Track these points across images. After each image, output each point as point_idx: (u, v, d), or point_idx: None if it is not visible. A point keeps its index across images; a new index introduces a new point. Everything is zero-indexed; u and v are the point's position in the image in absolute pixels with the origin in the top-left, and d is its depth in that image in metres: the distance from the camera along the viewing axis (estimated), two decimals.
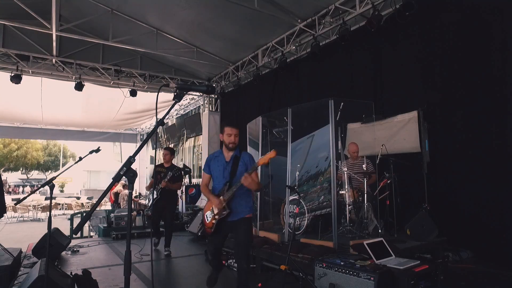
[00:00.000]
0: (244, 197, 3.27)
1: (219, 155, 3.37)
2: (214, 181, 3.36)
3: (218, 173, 3.31)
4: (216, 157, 3.39)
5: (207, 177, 3.43)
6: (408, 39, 5.42)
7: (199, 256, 5.54)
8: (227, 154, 3.31)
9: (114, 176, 1.67)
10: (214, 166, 3.35)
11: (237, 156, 3.29)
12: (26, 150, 35.18)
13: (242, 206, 3.24)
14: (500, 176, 4.24)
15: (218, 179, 3.31)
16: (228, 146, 3.26)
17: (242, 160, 3.28)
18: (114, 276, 4.39)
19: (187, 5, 6.58)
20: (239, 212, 3.21)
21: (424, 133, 4.97)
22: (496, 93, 4.34)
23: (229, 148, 3.26)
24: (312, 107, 5.16)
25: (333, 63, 6.63)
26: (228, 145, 3.25)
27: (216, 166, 3.34)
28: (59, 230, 5.50)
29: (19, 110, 11.92)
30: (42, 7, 6.56)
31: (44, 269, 3.04)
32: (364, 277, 3.06)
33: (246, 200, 3.30)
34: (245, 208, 3.28)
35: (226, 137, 3.25)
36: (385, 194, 4.96)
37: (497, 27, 4.36)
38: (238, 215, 3.20)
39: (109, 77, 9.12)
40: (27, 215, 14.16)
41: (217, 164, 3.34)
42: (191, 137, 13.56)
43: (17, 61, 8.00)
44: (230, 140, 3.23)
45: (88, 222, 8.21)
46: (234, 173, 3.22)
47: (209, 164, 3.39)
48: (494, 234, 4.23)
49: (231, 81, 9.40)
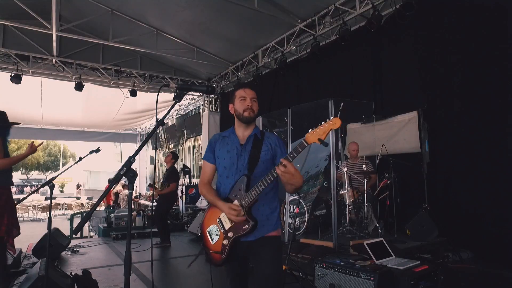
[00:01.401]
0: (268, 201, 2.08)
1: (229, 135, 2.19)
2: (220, 175, 2.17)
3: (228, 161, 2.12)
4: (224, 138, 2.20)
5: (209, 169, 2.21)
6: (408, 39, 5.42)
7: (199, 256, 5.54)
8: (243, 134, 2.15)
9: (114, 177, 1.67)
10: (222, 152, 2.15)
11: (257, 136, 2.14)
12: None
13: (264, 216, 2.04)
14: (500, 176, 4.24)
15: (228, 172, 2.11)
16: (242, 116, 2.10)
17: (267, 143, 2.12)
18: (114, 276, 4.39)
19: (187, 5, 6.58)
20: (259, 227, 1.99)
21: (424, 133, 4.97)
22: (496, 93, 4.34)
23: (245, 118, 2.10)
24: (312, 107, 5.16)
25: (333, 63, 6.63)
26: (243, 113, 2.09)
27: (224, 152, 2.14)
28: (59, 230, 5.50)
29: (19, 110, 11.89)
30: (42, 7, 6.57)
31: (44, 269, 3.04)
32: (364, 277, 3.05)
33: (270, 206, 2.09)
34: (270, 219, 2.07)
35: (238, 103, 2.12)
36: (385, 194, 4.97)
37: (498, 26, 4.36)
38: (258, 231, 2.00)
39: (109, 77, 9.12)
40: (27, 215, 14.16)
41: (227, 148, 2.15)
42: (191, 137, 13.56)
43: (17, 61, 8.00)
44: (245, 106, 2.09)
45: (88, 222, 8.20)
46: (255, 162, 2.06)
47: (214, 148, 2.21)
48: (494, 234, 4.23)
49: (231, 81, 9.40)
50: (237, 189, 2.01)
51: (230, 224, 2.01)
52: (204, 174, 2.24)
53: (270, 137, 2.17)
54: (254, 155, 2.07)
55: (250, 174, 2.02)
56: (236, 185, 2.03)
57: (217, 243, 2.05)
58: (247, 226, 1.94)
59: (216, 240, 2.06)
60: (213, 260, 2.10)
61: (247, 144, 2.11)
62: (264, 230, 2.03)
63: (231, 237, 1.99)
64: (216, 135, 2.28)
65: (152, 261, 1.97)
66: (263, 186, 1.89)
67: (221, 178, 2.15)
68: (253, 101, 2.12)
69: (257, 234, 2.00)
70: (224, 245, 2.01)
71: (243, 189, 1.98)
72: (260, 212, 2.03)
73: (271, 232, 2.06)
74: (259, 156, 2.07)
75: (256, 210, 2.00)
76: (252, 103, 2.11)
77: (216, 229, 2.07)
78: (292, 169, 1.79)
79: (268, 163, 2.05)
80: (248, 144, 2.11)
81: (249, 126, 2.14)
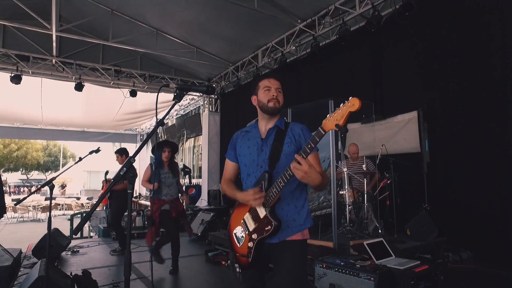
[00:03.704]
0: (294, 199, 1.92)
1: (252, 130, 2.06)
2: (242, 174, 2.07)
3: (248, 158, 1.99)
4: (246, 134, 2.08)
5: (230, 166, 2.11)
6: (408, 39, 5.42)
7: (199, 256, 5.54)
8: (265, 126, 2.02)
9: (114, 177, 1.67)
10: (243, 148, 2.03)
11: (280, 128, 1.97)
12: (26, 150, 35.15)
13: (289, 216, 1.89)
14: (500, 176, 4.24)
15: (249, 169, 1.99)
16: (267, 107, 1.95)
17: (291, 134, 1.95)
18: (114, 276, 4.39)
19: (187, 6, 6.58)
20: (284, 228, 1.83)
21: (424, 133, 4.97)
22: (496, 93, 4.34)
23: (270, 109, 1.95)
24: (312, 107, 5.16)
25: (333, 63, 6.64)
26: (267, 104, 1.95)
27: (245, 148, 2.02)
28: (59, 230, 5.50)
29: (19, 111, 11.92)
30: (42, 8, 6.57)
31: (44, 269, 3.04)
32: (364, 277, 3.06)
33: (296, 205, 1.92)
34: (295, 219, 1.91)
35: (262, 93, 1.98)
36: (385, 194, 4.97)
37: (497, 27, 4.36)
38: (282, 232, 1.84)
39: (109, 78, 9.12)
40: (27, 216, 14.15)
41: (247, 144, 2.02)
42: (191, 138, 13.57)
43: (17, 62, 8.00)
44: (270, 96, 1.95)
45: (88, 222, 8.20)
46: (277, 157, 1.90)
47: (235, 145, 2.08)
48: (494, 234, 4.23)
49: (231, 81, 9.40)
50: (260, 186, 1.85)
51: (254, 225, 1.86)
52: (225, 172, 2.13)
53: (294, 127, 1.99)
54: (276, 149, 1.90)
55: (271, 170, 1.86)
56: (257, 182, 1.87)
57: (243, 245, 1.92)
58: (270, 227, 1.78)
59: (242, 242, 1.93)
60: (240, 264, 1.96)
61: (269, 138, 1.96)
62: (289, 231, 1.87)
63: (256, 239, 1.84)
64: (238, 131, 2.14)
65: (152, 261, 1.97)
66: (283, 183, 1.73)
67: (243, 176, 2.02)
68: (278, 91, 1.98)
69: (281, 236, 1.85)
70: (250, 247, 1.87)
71: (265, 186, 1.82)
72: (285, 212, 1.88)
73: (295, 235, 1.88)
74: (281, 149, 1.90)
75: (280, 209, 1.86)
76: (278, 94, 1.97)
77: (242, 231, 1.94)
78: (305, 167, 1.60)
79: (291, 156, 1.76)
80: (270, 138, 1.96)
81: (273, 117, 1.99)
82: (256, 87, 2.03)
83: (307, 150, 1.63)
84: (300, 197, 1.95)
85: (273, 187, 1.79)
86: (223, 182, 2.11)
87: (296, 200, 1.92)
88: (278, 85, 2.00)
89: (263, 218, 1.81)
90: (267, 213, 1.80)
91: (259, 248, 1.85)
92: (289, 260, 1.83)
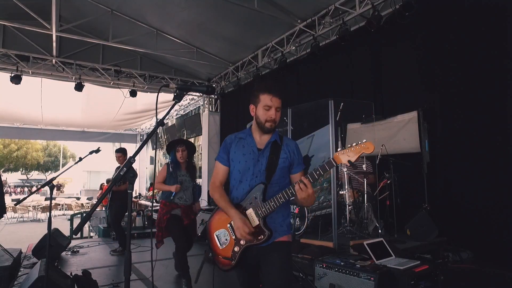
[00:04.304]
0: (282, 208, 2.00)
1: (246, 137, 2.09)
2: (233, 179, 2.08)
3: (243, 165, 2.02)
4: (240, 140, 2.09)
5: (222, 171, 2.10)
6: (408, 39, 5.42)
7: (199, 256, 5.53)
8: (260, 139, 2.06)
9: (114, 177, 1.67)
10: (238, 154, 2.05)
11: (277, 142, 2.05)
12: (26, 150, 35.18)
13: (277, 223, 2.02)
14: (500, 176, 4.24)
15: (242, 176, 2.03)
16: (263, 125, 1.99)
17: (286, 150, 2.05)
18: (114, 276, 4.39)
19: (187, 6, 6.58)
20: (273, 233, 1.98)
21: (424, 133, 4.97)
22: (496, 93, 4.34)
23: (266, 129, 2.00)
24: (312, 107, 5.16)
25: (333, 63, 6.64)
26: (265, 124, 1.99)
27: (240, 155, 2.04)
28: (59, 230, 5.50)
29: (19, 111, 11.92)
30: (42, 8, 6.57)
31: (44, 269, 3.04)
32: (364, 277, 3.06)
33: (283, 214, 2.06)
34: (282, 224, 2.04)
35: (261, 110, 1.99)
36: (385, 194, 4.96)
37: (498, 26, 4.36)
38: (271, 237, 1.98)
39: (109, 78, 9.13)
40: (27, 216, 14.16)
41: (243, 151, 2.05)
42: (191, 138, 13.56)
43: (17, 62, 8.01)
44: (269, 116, 1.97)
45: (88, 222, 8.21)
46: (272, 170, 1.99)
47: (229, 150, 2.09)
48: (494, 234, 4.23)
49: (231, 81, 9.40)
50: (252, 197, 1.95)
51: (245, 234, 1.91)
52: (217, 176, 2.11)
53: (289, 143, 2.09)
54: (272, 162, 1.99)
55: (267, 182, 1.96)
56: (251, 192, 1.97)
57: (226, 248, 2.00)
58: (262, 237, 1.91)
59: (226, 245, 2.00)
60: (220, 265, 2.06)
61: (265, 150, 2.03)
62: (276, 235, 1.99)
63: (244, 245, 1.94)
64: (232, 135, 2.15)
65: (152, 261, 1.97)
66: (283, 199, 1.87)
67: (234, 181, 2.07)
68: (277, 111, 2.00)
69: (270, 239, 1.97)
70: (235, 251, 1.96)
71: (260, 198, 1.93)
72: (273, 220, 2.00)
73: (282, 237, 2.02)
74: (277, 163, 2.00)
75: (269, 217, 1.97)
76: (276, 114, 1.99)
77: (226, 234, 2.01)
78: (310, 190, 1.76)
79: (284, 170, 2.01)
80: (266, 150, 2.03)
81: (269, 133, 2.05)
82: (256, 98, 2.03)
83: (315, 176, 1.78)
84: (286, 206, 2.08)
85: (271, 200, 1.90)
86: (214, 188, 2.09)
87: (283, 209, 2.06)
88: (278, 103, 2.01)
89: (255, 227, 1.92)
90: (260, 223, 1.92)
91: (245, 252, 1.96)
92: (279, 258, 1.96)
